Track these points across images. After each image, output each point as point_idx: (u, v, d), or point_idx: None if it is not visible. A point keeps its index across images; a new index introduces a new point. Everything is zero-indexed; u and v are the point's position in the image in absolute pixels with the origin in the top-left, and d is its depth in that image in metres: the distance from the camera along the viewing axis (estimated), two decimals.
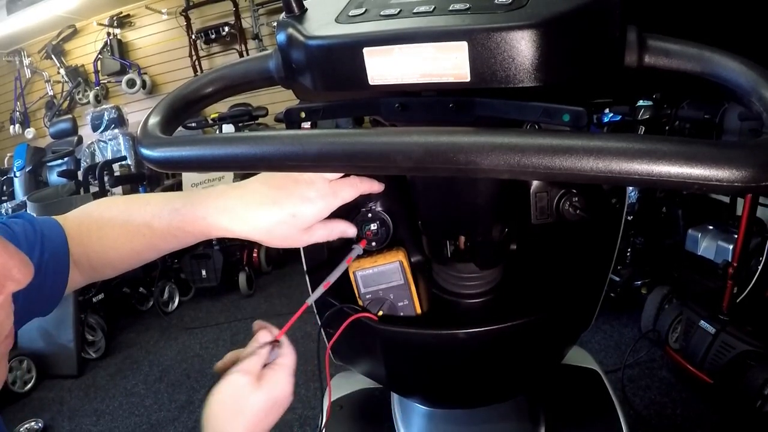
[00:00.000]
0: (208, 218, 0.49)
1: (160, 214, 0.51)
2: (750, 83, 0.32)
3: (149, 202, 0.53)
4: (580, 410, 0.77)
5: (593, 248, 0.62)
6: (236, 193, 0.49)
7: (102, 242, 0.53)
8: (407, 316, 0.61)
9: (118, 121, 4.48)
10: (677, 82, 0.37)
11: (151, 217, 0.52)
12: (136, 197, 0.56)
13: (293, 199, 0.48)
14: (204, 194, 0.51)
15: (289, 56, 0.43)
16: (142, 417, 2.41)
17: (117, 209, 0.54)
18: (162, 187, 4.10)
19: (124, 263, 0.56)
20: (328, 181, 0.49)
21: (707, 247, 2.30)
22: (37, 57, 5.38)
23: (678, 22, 0.79)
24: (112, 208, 0.55)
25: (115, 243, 0.53)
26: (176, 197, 0.52)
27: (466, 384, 0.65)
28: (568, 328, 0.66)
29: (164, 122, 0.43)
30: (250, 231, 0.49)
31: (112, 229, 0.53)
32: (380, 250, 0.60)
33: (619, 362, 2.09)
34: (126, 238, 0.53)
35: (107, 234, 0.53)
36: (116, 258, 0.54)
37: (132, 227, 0.52)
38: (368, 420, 0.82)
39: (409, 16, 0.39)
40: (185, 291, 3.59)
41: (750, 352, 1.68)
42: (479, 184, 0.50)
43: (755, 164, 0.26)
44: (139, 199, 0.55)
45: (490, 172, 0.30)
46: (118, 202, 0.56)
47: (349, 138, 0.34)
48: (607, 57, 0.37)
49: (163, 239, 0.52)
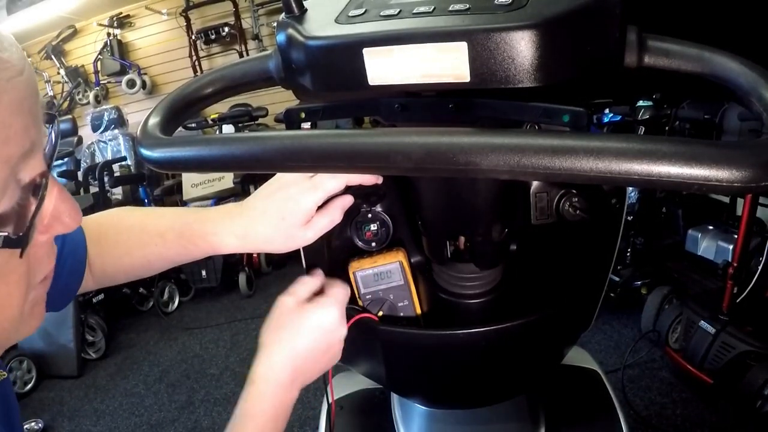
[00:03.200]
0: (217, 235, 0.52)
1: (173, 226, 0.54)
2: (750, 83, 0.32)
3: (164, 215, 0.57)
4: (580, 410, 0.77)
5: (593, 248, 0.62)
6: (238, 211, 0.53)
7: (118, 248, 0.56)
8: (407, 316, 0.61)
9: (118, 121, 4.49)
10: (677, 83, 0.37)
11: (165, 228, 0.54)
12: (151, 210, 0.60)
13: (278, 203, 0.50)
14: (214, 212, 0.54)
15: (289, 57, 0.43)
16: (142, 417, 2.41)
17: (135, 218, 0.58)
18: (162, 188, 4.10)
19: (136, 271, 0.58)
20: (308, 177, 0.50)
21: (707, 247, 2.30)
22: (37, 57, 5.38)
23: (678, 22, 0.79)
24: (130, 216, 0.58)
25: (129, 250, 0.56)
26: (189, 212, 0.56)
27: (466, 384, 0.65)
28: (568, 328, 0.66)
29: (164, 123, 0.43)
30: (253, 245, 0.52)
31: (129, 236, 0.56)
32: (380, 251, 0.60)
33: (619, 362, 2.09)
34: (140, 247, 0.55)
35: (123, 240, 0.56)
36: (128, 264, 0.57)
37: (146, 237, 0.55)
38: (368, 420, 0.82)
39: (408, 16, 0.39)
40: (185, 291, 3.59)
41: (750, 352, 1.68)
42: (479, 185, 0.50)
43: (755, 164, 0.26)
44: (155, 211, 0.59)
45: (490, 172, 0.30)
46: (136, 212, 0.59)
47: (349, 138, 0.34)
48: (607, 57, 0.37)
49: (174, 251, 0.55)
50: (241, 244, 0.52)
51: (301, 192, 0.50)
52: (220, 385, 2.53)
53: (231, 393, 2.45)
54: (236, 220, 0.52)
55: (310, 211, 0.50)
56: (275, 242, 0.51)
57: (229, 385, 2.52)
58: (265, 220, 0.50)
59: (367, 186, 0.53)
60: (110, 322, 3.16)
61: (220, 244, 0.53)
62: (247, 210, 0.52)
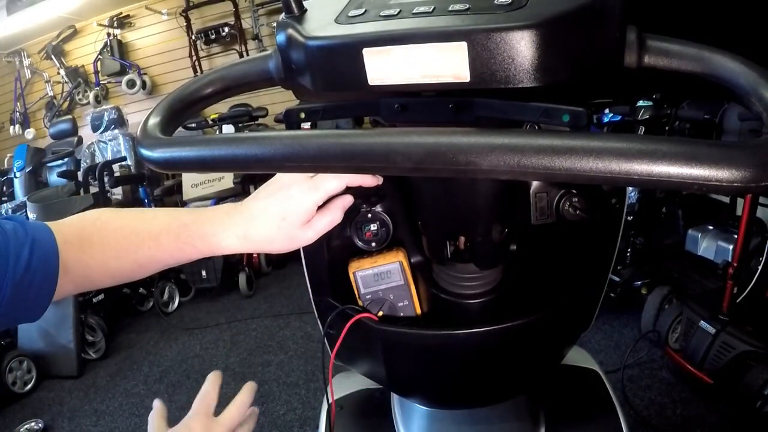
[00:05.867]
0: (217, 236, 0.52)
1: (168, 228, 0.53)
2: (750, 83, 0.32)
3: (156, 216, 0.55)
4: (580, 410, 0.77)
5: (593, 248, 0.62)
6: (238, 211, 0.52)
7: (104, 251, 0.54)
8: (407, 316, 0.61)
9: (118, 121, 4.49)
10: (677, 82, 0.37)
11: (158, 231, 0.53)
12: (141, 211, 0.57)
13: (279, 203, 0.50)
14: (212, 212, 0.53)
15: (288, 57, 0.43)
16: (142, 417, 2.40)
17: (122, 221, 0.55)
18: (162, 188, 4.10)
19: (124, 274, 0.56)
20: (308, 177, 0.50)
21: (707, 247, 2.30)
22: (37, 57, 5.38)
23: (678, 22, 0.79)
24: (117, 218, 0.55)
25: (117, 253, 0.54)
26: (183, 213, 0.54)
27: (466, 384, 0.65)
28: (568, 328, 0.67)
29: (164, 123, 0.43)
30: (253, 246, 0.51)
31: (116, 239, 0.54)
32: (380, 251, 0.60)
33: (619, 362, 2.09)
34: (130, 250, 0.54)
35: (110, 244, 0.54)
36: (116, 268, 0.55)
37: (137, 239, 0.53)
38: (368, 420, 0.82)
39: (408, 16, 0.39)
40: (185, 291, 3.59)
41: (750, 353, 1.68)
42: (479, 185, 0.50)
43: (755, 164, 0.26)
44: (145, 213, 0.57)
45: (490, 172, 0.30)
46: (122, 214, 0.57)
47: (348, 138, 0.34)
48: (607, 57, 0.37)
49: (169, 253, 0.54)
50: (241, 245, 0.52)
51: (301, 192, 0.49)
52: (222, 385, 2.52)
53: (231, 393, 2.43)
54: (236, 220, 0.51)
55: (310, 211, 0.50)
56: (276, 242, 0.51)
57: (229, 385, 2.52)
58: (266, 220, 0.50)
59: (368, 187, 0.53)
60: (110, 322, 3.15)
61: (220, 245, 0.52)
62: (248, 210, 0.52)
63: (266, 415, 2.22)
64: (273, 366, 2.60)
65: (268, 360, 2.66)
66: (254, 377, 2.53)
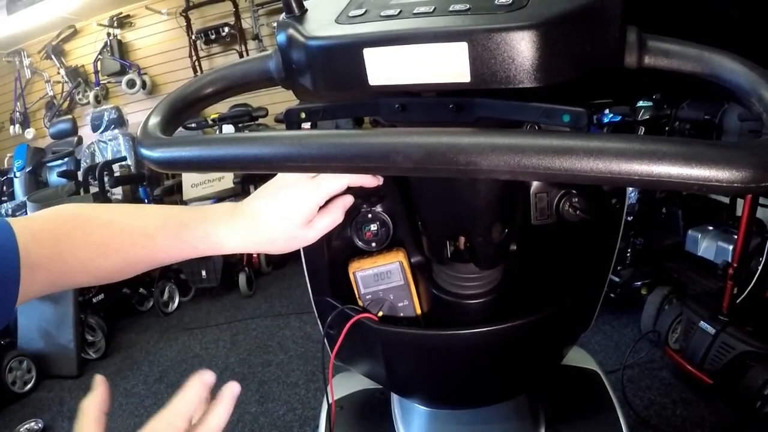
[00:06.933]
0: (218, 236, 0.51)
1: (164, 227, 0.51)
2: (750, 84, 0.32)
3: (148, 214, 0.52)
4: (580, 410, 0.77)
5: (593, 248, 0.62)
6: (238, 211, 0.51)
7: (88, 249, 0.50)
8: (407, 316, 0.61)
9: (118, 121, 4.48)
10: (677, 83, 0.37)
11: (153, 229, 0.50)
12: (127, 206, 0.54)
13: (280, 203, 0.50)
14: (210, 211, 0.52)
15: (289, 57, 0.43)
16: (142, 417, 2.40)
17: (108, 216, 0.51)
18: (162, 188, 4.10)
19: (110, 274, 0.52)
20: (309, 178, 0.50)
21: (707, 247, 2.30)
22: (37, 57, 5.38)
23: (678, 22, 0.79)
24: (102, 215, 0.51)
25: (105, 252, 0.50)
26: (179, 211, 0.52)
27: (466, 384, 0.65)
28: (568, 328, 0.67)
29: (164, 123, 0.43)
30: (255, 246, 0.51)
31: (103, 236, 0.50)
32: (380, 251, 0.60)
33: (619, 362, 2.09)
34: (120, 249, 0.50)
35: (96, 241, 0.50)
36: (101, 267, 0.51)
37: (129, 238, 0.50)
38: (368, 420, 0.82)
39: (409, 16, 0.39)
40: (185, 291, 3.59)
41: (750, 353, 1.68)
42: (479, 185, 0.50)
43: (755, 165, 0.26)
44: (136, 210, 0.53)
45: (490, 173, 0.30)
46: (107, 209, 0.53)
47: (349, 138, 0.34)
48: (608, 57, 0.37)
49: (165, 252, 0.51)
50: (242, 245, 0.51)
51: (302, 192, 0.49)
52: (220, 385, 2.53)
53: None
54: (237, 220, 0.51)
55: (311, 211, 0.50)
56: (277, 242, 0.51)
57: None
58: (267, 220, 0.50)
59: (368, 187, 0.53)
60: (110, 322, 3.15)
61: (222, 245, 0.51)
62: (249, 210, 0.51)
63: (266, 415, 2.22)
64: (273, 366, 2.60)
65: (268, 360, 2.66)
66: (254, 377, 2.54)
